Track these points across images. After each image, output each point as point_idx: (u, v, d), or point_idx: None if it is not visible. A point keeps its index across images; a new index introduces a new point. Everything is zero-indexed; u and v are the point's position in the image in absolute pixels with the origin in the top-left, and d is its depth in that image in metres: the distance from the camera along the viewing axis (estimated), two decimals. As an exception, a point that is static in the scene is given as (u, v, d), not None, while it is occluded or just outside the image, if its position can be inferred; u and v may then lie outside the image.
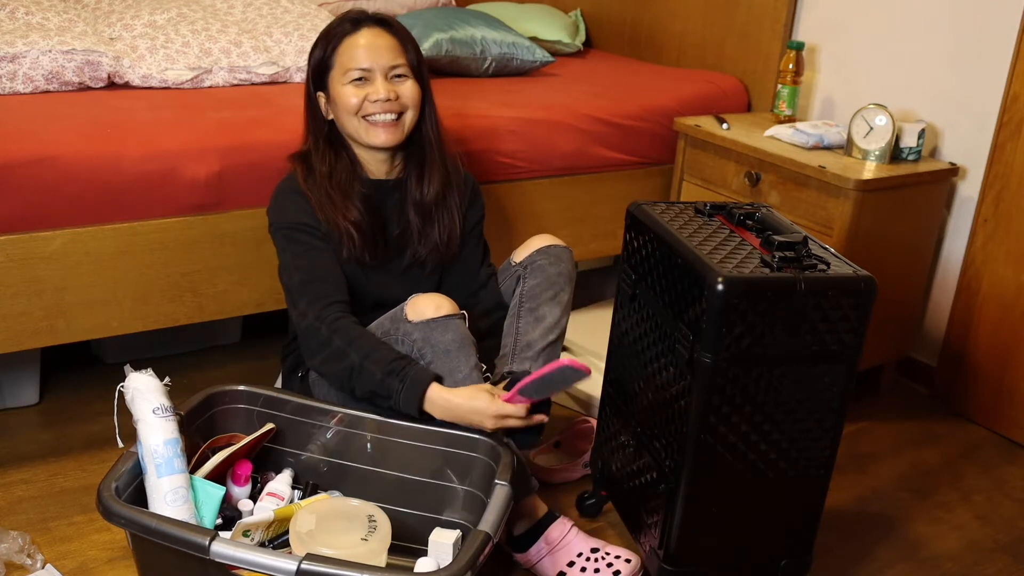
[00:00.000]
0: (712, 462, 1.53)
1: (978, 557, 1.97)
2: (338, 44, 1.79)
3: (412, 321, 1.69)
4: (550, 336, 1.82)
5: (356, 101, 1.77)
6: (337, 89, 1.79)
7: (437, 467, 1.69)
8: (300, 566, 1.32)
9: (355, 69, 1.77)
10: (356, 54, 1.77)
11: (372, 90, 1.77)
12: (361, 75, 1.77)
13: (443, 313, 1.68)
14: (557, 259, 1.87)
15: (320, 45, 1.82)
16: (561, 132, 2.48)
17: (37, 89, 2.16)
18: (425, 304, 1.69)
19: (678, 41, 3.16)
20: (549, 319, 1.83)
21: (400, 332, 1.70)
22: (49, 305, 1.88)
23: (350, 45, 1.78)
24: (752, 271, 1.45)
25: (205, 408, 1.72)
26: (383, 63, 1.77)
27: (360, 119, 1.78)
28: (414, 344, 1.68)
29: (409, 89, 1.80)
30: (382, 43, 1.78)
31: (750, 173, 2.47)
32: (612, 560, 1.72)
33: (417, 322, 1.68)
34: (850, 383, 1.53)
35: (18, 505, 1.88)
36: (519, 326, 1.84)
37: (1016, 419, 2.40)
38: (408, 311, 1.70)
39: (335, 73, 1.79)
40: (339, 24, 1.81)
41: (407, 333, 1.69)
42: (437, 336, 1.67)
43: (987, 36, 2.37)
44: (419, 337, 1.68)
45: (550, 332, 1.82)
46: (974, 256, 2.44)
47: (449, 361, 1.67)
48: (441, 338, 1.67)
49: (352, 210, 1.79)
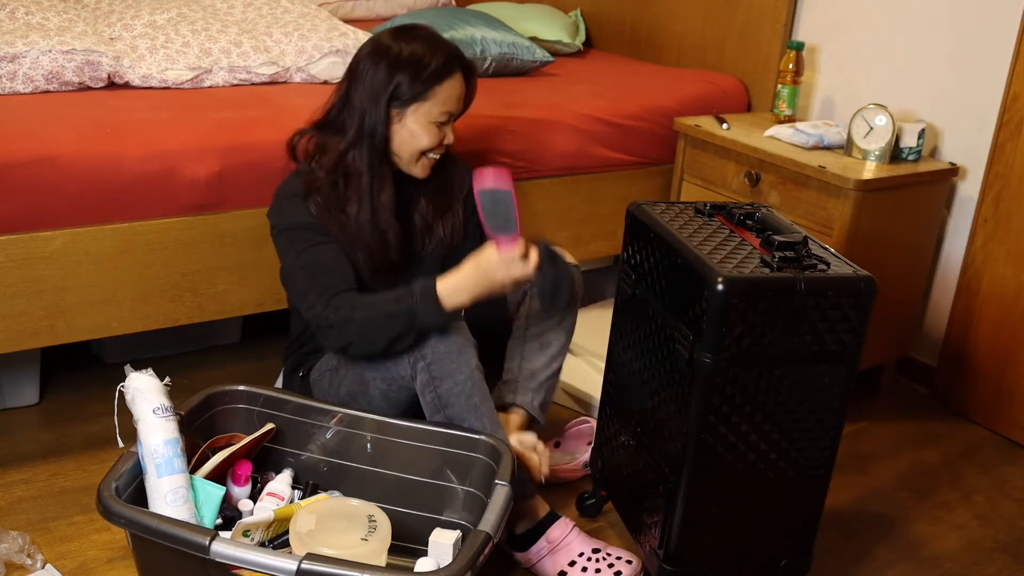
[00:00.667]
0: (712, 462, 1.53)
1: (978, 557, 1.97)
2: (440, 81, 1.76)
3: None
4: (554, 365, 1.93)
5: (431, 143, 1.79)
6: (420, 122, 1.77)
7: (437, 467, 1.69)
8: (300, 566, 1.32)
9: (447, 113, 1.79)
10: (451, 99, 1.79)
11: (445, 135, 1.81)
12: (447, 119, 1.80)
13: None
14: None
15: (408, 74, 1.74)
16: (561, 132, 2.48)
17: (37, 89, 2.16)
18: None
19: (678, 41, 3.16)
20: (554, 347, 1.92)
21: None
22: (49, 305, 1.88)
23: (451, 87, 1.78)
24: (752, 271, 1.45)
25: (205, 408, 1.72)
26: (459, 110, 1.84)
27: (421, 156, 1.81)
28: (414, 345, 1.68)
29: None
30: (463, 92, 1.83)
31: (750, 173, 2.47)
32: (613, 561, 1.72)
33: None
34: (850, 383, 1.53)
35: (18, 505, 1.88)
36: (524, 352, 1.92)
37: (1016, 419, 2.40)
38: None
39: (426, 107, 1.76)
40: (448, 62, 1.77)
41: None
42: (435, 336, 1.67)
43: (987, 36, 2.37)
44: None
45: (554, 360, 1.92)
46: (974, 256, 2.44)
47: (449, 363, 1.67)
48: (441, 339, 1.67)
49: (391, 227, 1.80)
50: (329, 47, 2.48)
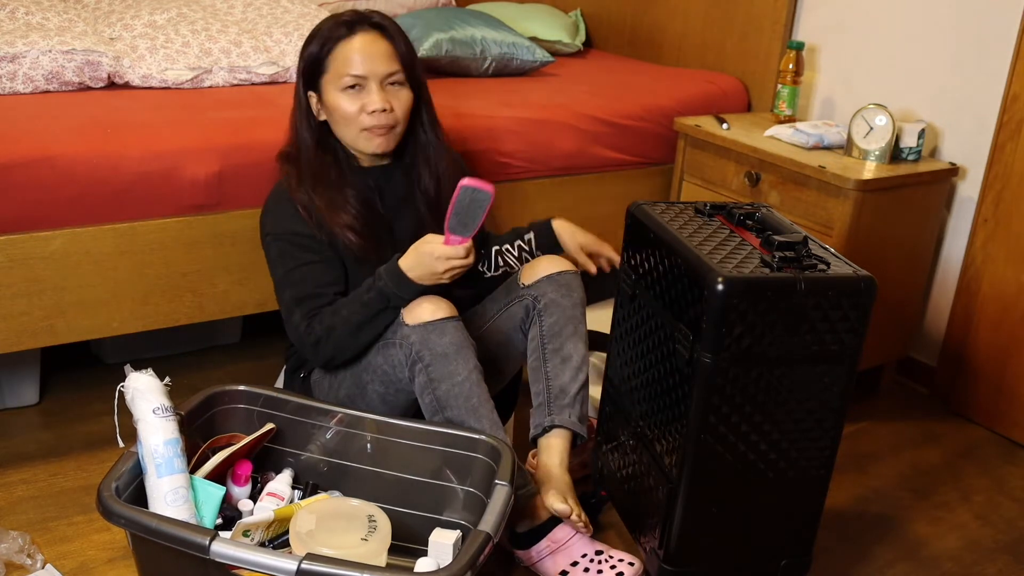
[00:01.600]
0: (712, 462, 1.53)
1: (978, 557, 1.97)
2: (332, 48, 1.76)
3: (409, 324, 1.69)
4: (580, 376, 1.83)
5: (353, 111, 1.76)
6: (332, 94, 1.77)
7: (437, 467, 1.69)
8: (300, 566, 1.32)
9: (349, 75, 1.74)
10: (351, 60, 1.75)
11: (368, 100, 1.75)
12: (355, 82, 1.75)
13: (440, 316, 1.68)
14: (568, 289, 1.85)
15: (313, 45, 1.78)
16: (561, 132, 2.48)
17: (37, 89, 2.16)
18: (422, 307, 1.69)
19: (678, 41, 3.16)
20: (576, 358, 1.83)
21: (397, 336, 1.70)
22: (49, 305, 1.88)
23: (345, 50, 1.75)
24: (752, 271, 1.45)
25: (205, 408, 1.72)
26: (378, 71, 1.75)
27: (357, 128, 1.78)
28: (412, 347, 1.68)
29: (403, 99, 1.79)
30: (377, 49, 1.76)
31: (750, 173, 2.47)
32: (615, 563, 1.72)
33: (414, 325, 1.68)
34: (850, 383, 1.53)
35: (18, 505, 1.88)
36: (547, 371, 1.82)
37: (1016, 419, 2.40)
38: (405, 314, 1.70)
39: (329, 77, 1.77)
40: (334, 27, 1.77)
41: (404, 336, 1.69)
42: (434, 339, 1.67)
43: (987, 36, 2.37)
44: (416, 340, 1.67)
45: (579, 372, 1.83)
46: (974, 256, 2.44)
47: (447, 364, 1.67)
48: (439, 341, 1.67)
49: (345, 214, 1.78)
50: (329, 47, 2.47)
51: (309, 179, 1.79)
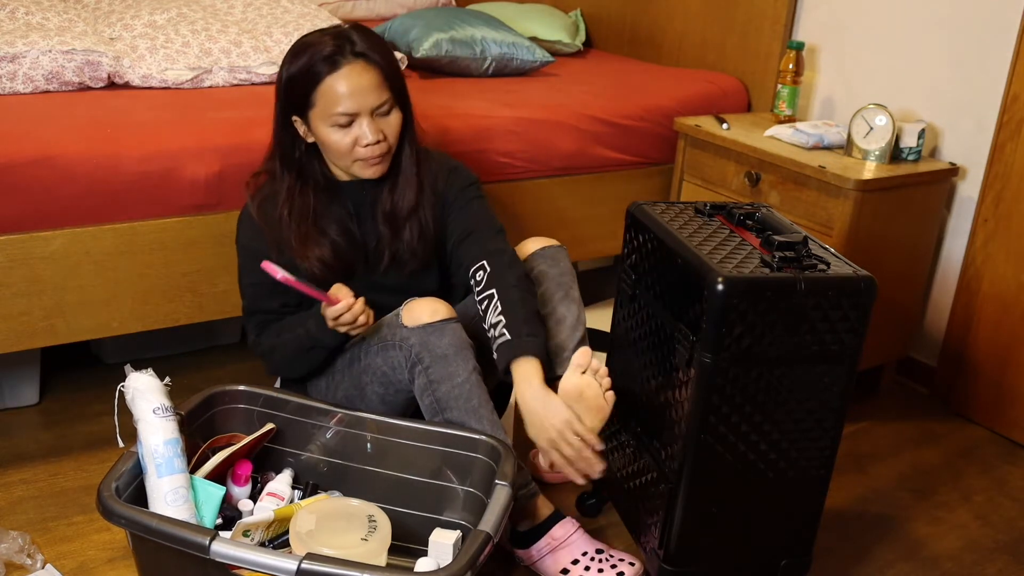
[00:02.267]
0: (712, 462, 1.53)
1: (978, 557, 1.97)
2: (317, 83, 1.67)
3: (408, 326, 1.68)
4: (576, 335, 1.82)
5: (347, 145, 1.70)
6: (322, 129, 1.70)
7: (437, 467, 1.69)
8: (300, 566, 1.32)
9: (340, 114, 1.67)
10: (340, 98, 1.66)
11: (360, 134, 1.69)
12: (347, 120, 1.68)
13: (439, 318, 1.68)
14: (554, 260, 1.86)
15: (296, 76, 1.69)
16: (561, 132, 2.48)
17: (37, 89, 2.16)
18: (421, 309, 1.69)
19: (678, 41, 3.16)
20: (569, 318, 1.82)
21: (397, 337, 1.70)
22: (49, 305, 1.88)
23: (332, 86, 1.66)
24: (752, 271, 1.45)
25: (205, 408, 1.72)
26: (369, 104, 1.68)
27: (351, 159, 1.73)
28: (411, 349, 1.67)
29: (393, 124, 1.73)
30: (365, 82, 1.67)
31: (750, 173, 2.47)
32: (616, 562, 1.72)
33: (413, 327, 1.68)
34: (850, 383, 1.53)
35: (18, 505, 1.88)
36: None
37: (1016, 419, 2.40)
38: (404, 316, 1.70)
39: (316, 112, 1.69)
40: (317, 61, 1.67)
41: (404, 338, 1.69)
42: (434, 340, 1.67)
43: (987, 36, 2.37)
44: (416, 342, 1.67)
45: (575, 330, 1.82)
46: (974, 256, 2.44)
47: (447, 366, 1.66)
48: (438, 342, 1.66)
49: (318, 248, 1.77)
50: (329, 47, 2.47)
51: (285, 211, 1.77)
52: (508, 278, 1.71)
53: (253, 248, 1.79)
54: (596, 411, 1.62)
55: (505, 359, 1.64)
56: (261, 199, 1.79)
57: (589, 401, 1.62)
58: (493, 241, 1.80)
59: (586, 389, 1.61)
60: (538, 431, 1.61)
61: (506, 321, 1.65)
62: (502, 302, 1.67)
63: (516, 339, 1.63)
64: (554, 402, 1.60)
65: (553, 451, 1.61)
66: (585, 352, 1.62)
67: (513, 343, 1.63)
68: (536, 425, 1.61)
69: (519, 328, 1.64)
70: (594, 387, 1.62)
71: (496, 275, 1.72)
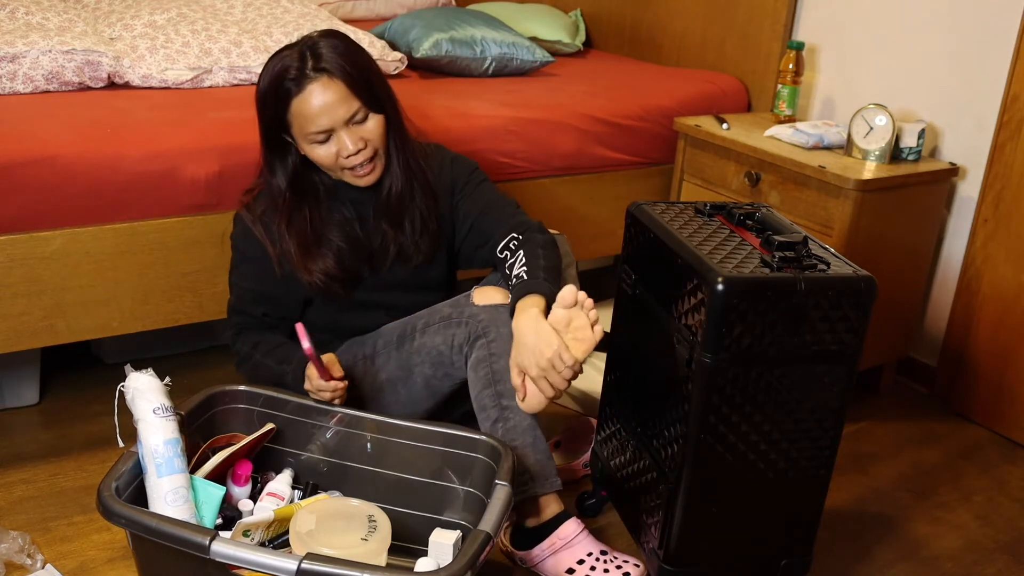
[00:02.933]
0: (712, 462, 1.53)
1: (978, 557, 1.97)
2: (287, 106, 1.69)
3: (479, 304, 1.74)
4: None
5: (330, 159, 1.72)
6: (304, 145, 1.73)
7: (437, 467, 1.69)
8: (300, 566, 1.32)
9: (314, 133, 1.69)
10: (310, 117, 1.67)
11: (340, 146, 1.70)
12: (324, 136, 1.70)
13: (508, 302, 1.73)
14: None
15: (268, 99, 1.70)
16: (561, 132, 2.48)
17: (37, 89, 2.16)
18: (494, 293, 1.77)
19: (678, 41, 3.16)
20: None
21: (465, 315, 1.74)
22: (49, 305, 1.88)
23: (300, 107, 1.67)
24: (752, 271, 1.45)
25: (205, 408, 1.72)
26: (340, 117, 1.68)
27: (338, 171, 1.75)
28: (479, 324, 1.72)
29: (373, 128, 1.73)
30: (331, 97, 1.67)
31: (750, 173, 2.47)
32: (621, 563, 1.72)
33: (484, 305, 1.74)
34: (850, 383, 1.53)
35: (18, 505, 1.87)
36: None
37: (1016, 419, 2.40)
38: (475, 297, 1.76)
39: (295, 131, 1.72)
40: (280, 85, 1.68)
41: (473, 315, 1.73)
42: (502, 319, 1.72)
43: (987, 36, 2.37)
44: (486, 318, 1.72)
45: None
46: (974, 256, 2.44)
47: (509, 344, 1.69)
48: (506, 322, 1.71)
49: (322, 260, 1.78)
50: (329, 47, 2.47)
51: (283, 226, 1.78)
52: (536, 239, 1.79)
53: (248, 251, 1.81)
54: (582, 341, 1.63)
55: (517, 296, 1.69)
56: (260, 212, 1.80)
57: (576, 332, 1.63)
58: (516, 215, 1.87)
59: (574, 319, 1.64)
60: (528, 356, 1.62)
61: (527, 269, 1.73)
62: (527, 257, 1.75)
63: (532, 280, 1.69)
64: (546, 330, 1.61)
65: (542, 379, 1.62)
66: (570, 289, 1.64)
67: (528, 283, 1.69)
68: (526, 350, 1.62)
69: (536, 273, 1.71)
70: (581, 318, 1.63)
71: (527, 239, 1.79)
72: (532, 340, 1.61)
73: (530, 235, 1.80)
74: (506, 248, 1.81)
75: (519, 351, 1.63)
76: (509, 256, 1.79)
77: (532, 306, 1.65)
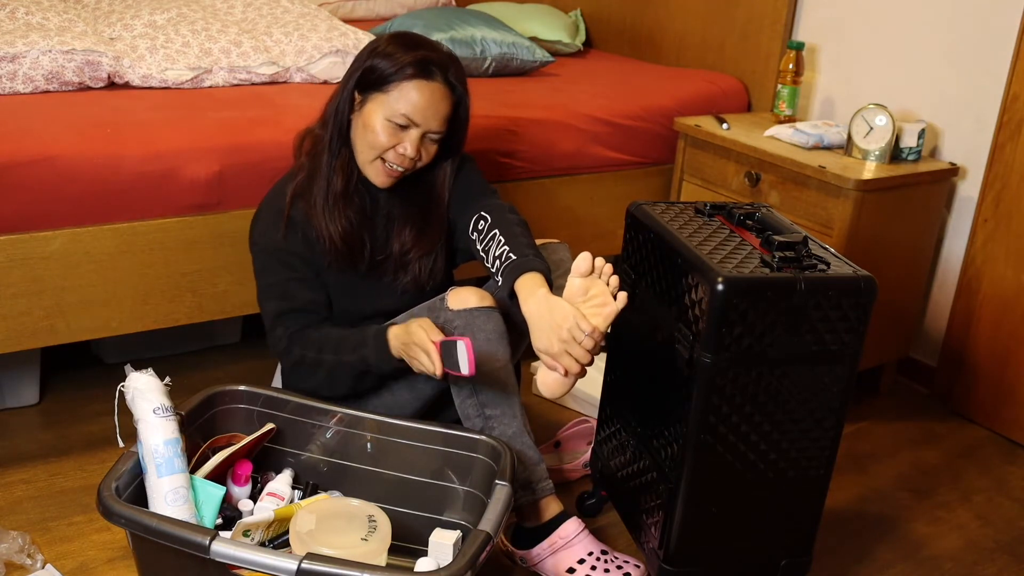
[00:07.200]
0: (712, 462, 1.53)
1: (978, 557, 1.97)
2: (401, 79, 1.69)
3: (454, 309, 1.70)
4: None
5: (384, 142, 1.71)
6: (374, 114, 1.72)
7: (437, 467, 1.69)
8: (300, 566, 1.32)
9: (403, 116, 1.70)
10: (414, 104, 1.69)
11: (402, 142, 1.71)
12: (405, 123, 1.70)
13: (486, 304, 1.70)
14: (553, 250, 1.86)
15: (384, 61, 1.71)
16: (561, 132, 2.48)
17: (37, 89, 2.16)
18: (468, 294, 1.72)
19: (678, 41, 3.16)
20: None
21: (440, 320, 1.71)
22: (49, 305, 1.88)
23: (412, 89, 1.69)
24: (752, 271, 1.45)
25: (205, 408, 1.72)
26: (430, 126, 1.72)
27: (375, 154, 1.74)
28: (455, 330, 1.69)
29: (431, 153, 1.77)
30: (441, 107, 1.72)
31: (750, 173, 2.47)
32: (622, 563, 1.72)
33: (459, 310, 1.70)
34: (850, 383, 1.53)
35: (18, 505, 1.88)
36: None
37: (1016, 419, 2.40)
38: (450, 300, 1.71)
39: (383, 98, 1.71)
40: (413, 59, 1.70)
41: (448, 320, 1.70)
42: (480, 323, 1.69)
43: (987, 36, 2.37)
44: (461, 324, 1.69)
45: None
46: (974, 256, 2.44)
47: (490, 346, 1.68)
48: (484, 326, 1.69)
49: (340, 220, 1.76)
50: (329, 47, 2.48)
51: (322, 175, 1.76)
52: (510, 219, 1.75)
53: (279, 246, 1.77)
54: (602, 307, 1.57)
55: (511, 278, 1.65)
56: (310, 166, 1.78)
57: (595, 300, 1.58)
58: (488, 198, 1.84)
59: (591, 287, 1.59)
60: (548, 336, 1.57)
61: (510, 248, 1.68)
62: (505, 236, 1.71)
63: (521, 258, 1.65)
64: (559, 304, 1.57)
65: (564, 355, 1.57)
66: (585, 257, 1.58)
67: (518, 261, 1.65)
68: (544, 330, 1.57)
69: (523, 251, 1.67)
70: (599, 285, 1.58)
71: (497, 218, 1.75)
72: (548, 319, 1.57)
73: (500, 214, 1.75)
74: (475, 229, 1.77)
75: (538, 335, 1.59)
76: (480, 237, 1.75)
77: (537, 286, 1.61)
